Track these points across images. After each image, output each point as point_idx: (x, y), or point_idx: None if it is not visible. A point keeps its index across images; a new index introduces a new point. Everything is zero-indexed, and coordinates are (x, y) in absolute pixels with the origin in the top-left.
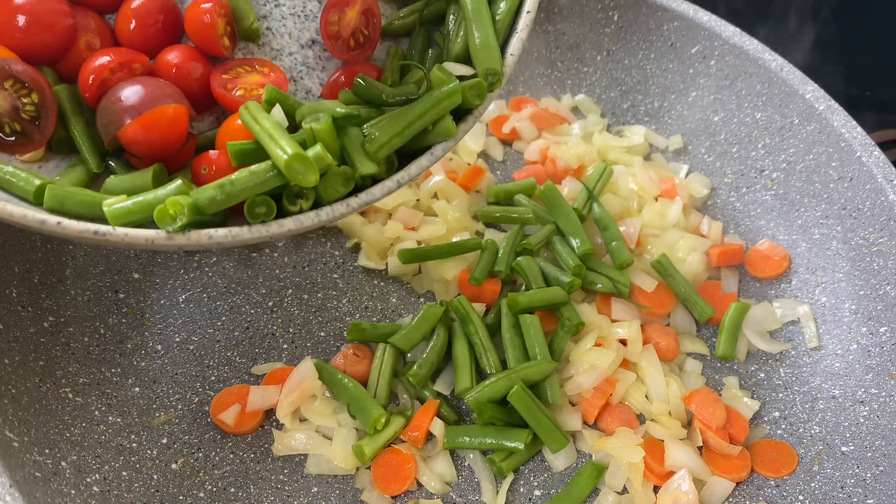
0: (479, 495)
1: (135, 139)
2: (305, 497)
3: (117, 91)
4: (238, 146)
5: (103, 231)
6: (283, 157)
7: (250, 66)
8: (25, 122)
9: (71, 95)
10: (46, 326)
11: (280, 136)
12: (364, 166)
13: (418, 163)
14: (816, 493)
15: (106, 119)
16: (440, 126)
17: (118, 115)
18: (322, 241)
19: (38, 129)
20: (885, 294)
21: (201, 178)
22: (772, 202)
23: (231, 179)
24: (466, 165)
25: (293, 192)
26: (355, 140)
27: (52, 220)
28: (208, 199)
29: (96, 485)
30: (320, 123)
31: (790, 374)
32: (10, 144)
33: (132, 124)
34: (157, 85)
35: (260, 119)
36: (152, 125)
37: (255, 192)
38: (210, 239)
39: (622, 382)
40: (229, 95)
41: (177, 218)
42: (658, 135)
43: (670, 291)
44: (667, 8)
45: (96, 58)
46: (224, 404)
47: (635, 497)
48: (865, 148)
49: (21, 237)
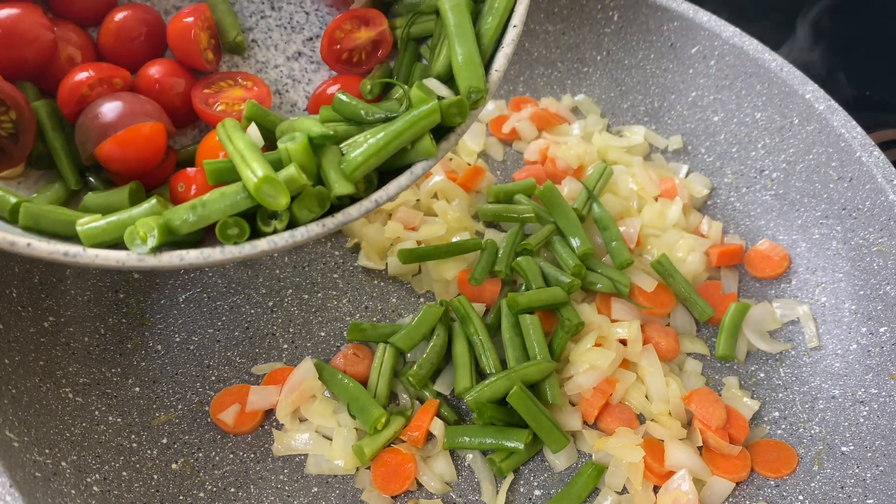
0: (479, 495)
1: (111, 157)
2: (305, 497)
3: (95, 107)
4: (214, 164)
5: (73, 252)
6: (253, 179)
7: (233, 79)
8: (3, 139)
9: (51, 111)
10: (47, 326)
11: (252, 158)
12: (340, 187)
13: (397, 182)
14: (816, 493)
15: (83, 136)
16: (420, 145)
17: (95, 132)
18: (322, 241)
19: (16, 147)
20: (885, 294)
21: (178, 196)
22: (772, 202)
23: (203, 201)
24: (466, 165)
25: (266, 213)
26: (332, 159)
27: (22, 241)
28: (180, 220)
29: (96, 485)
30: (295, 143)
31: (790, 374)
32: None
33: (108, 142)
34: (136, 101)
35: (234, 138)
36: (128, 143)
37: (227, 214)
38: (181, 261)
39: (622, 382)
40: (210, 111)
41: (147, 239)
42: (658, 135)
43: (670, 291)
44: (667, 8)
45: (76, 73)
46: (224, 404)
47: (635, 497)
48: (865, 148)
49: None
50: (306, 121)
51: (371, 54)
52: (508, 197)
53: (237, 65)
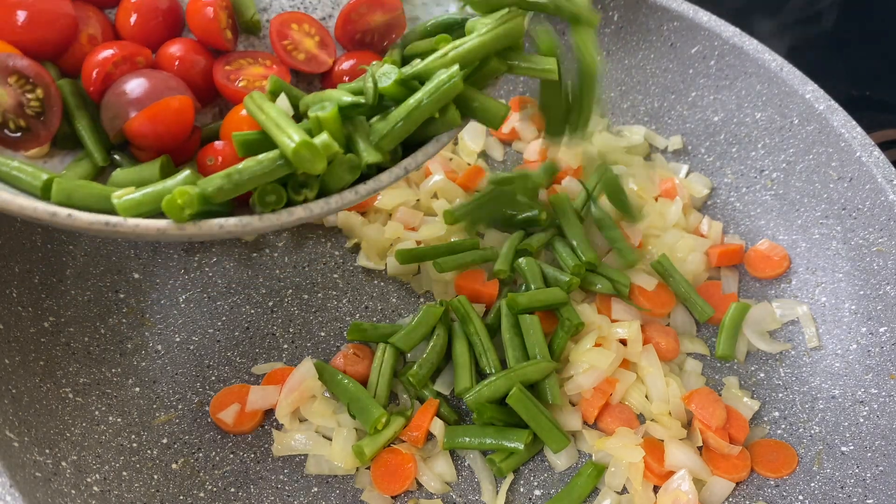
0: (479, 495)
1: (141, 132)
2: (305, 497)
3: (122, 84)
4: (244, 136)
5: (114, 222)
6: (291, 144)
7: (252, 58)
8: (30, 117)
9: (74, 90)
10: (47, 326)
11: (287, 125)
12: (370, 155)
13: (425, 150)
14: (816, 493)
15: (111, 112)
16: (447, 115)
17: (123, 107)
18: (322, 241)
19: (43, 125)
20: (884, 294)
21: (207, 170)
22: (772, 202)
23: (238, 169)
24: (466, 165)
25: (298, 182)
26: (360, 129)
27: (63, 212)
28: (216, 188)
29: (97, 485)
30: (326, 112)
31: (790, 374)
32: (15, 141)
33: (138, 117)
34: (162, 77)
35: (265, 108)
36: (158, 117)
37: (263, 181)
38: (221, 228)
39: (622, 382)
40: (232, 87)
41: (185, 208)
42: (658, 135)
43: (670, 291)
44: (667, 8)
45: (99, 51)
46: (224, 404)
47: (635, 497)
48: (865, 148)
49: (22, 237)
50: (334, 92)
51: (384, 36)
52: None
53: (253, 45)
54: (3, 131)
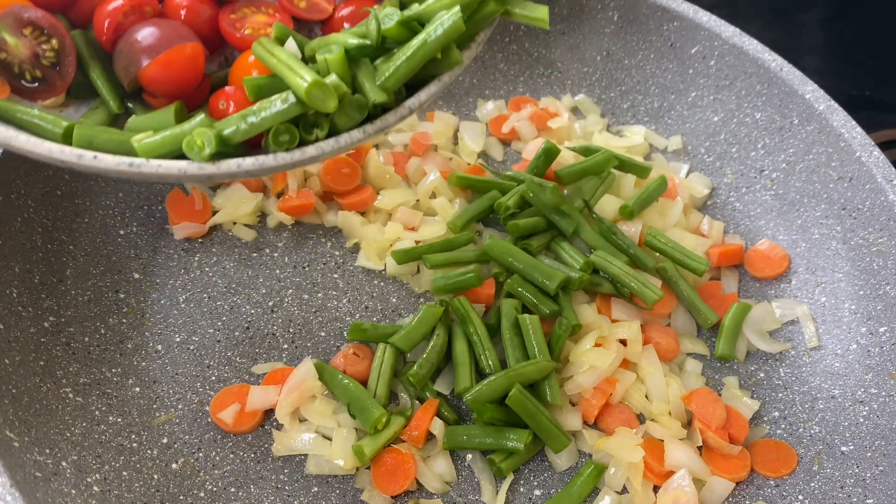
0: (479, 495)
1: (155, 78)
2: (305, 497)
3: (133, 33)
4: (254, 80)
5: (138, 163)
6: (304, 84)
7: (256, 6)
8: (46, 68)
9: (87, 40)
10: (47, 326)
11: (298, 66)
12: (376, 95)
13: (427, 90)
14: (816, 493)
15: (125, 61)
16: (449, 55)
17: (137, 56)
18: (322, 241)
19: (58, 75)
20: (884, 294)
21: (219, 114)
22: (771, 202)
23: (253, 110)
24: (466, 165)
25: (309, 122)
26: (366, 71)
27: (89, 154)
28: (232, 129)
29: (97, 484)
30: (333, 54)
31: (790, 374)
32: (32, 91)
33: (151, 64)
34: (172, 26)
35: (276, 52)
36: (171, 64)
37: (277, 121)
38: (239, 167)
39: (622, 382)
40: (238, 34)
41: (204, 147)
42: (658, 135)
43: (671, 292)
44: (667, 8)
45: (109, 2)
46: (223, 404)
47: (635, 497)
48: (865, 148)
49: (22, 237)
50: (338, 36)
51: None
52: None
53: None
54: (21, 82)
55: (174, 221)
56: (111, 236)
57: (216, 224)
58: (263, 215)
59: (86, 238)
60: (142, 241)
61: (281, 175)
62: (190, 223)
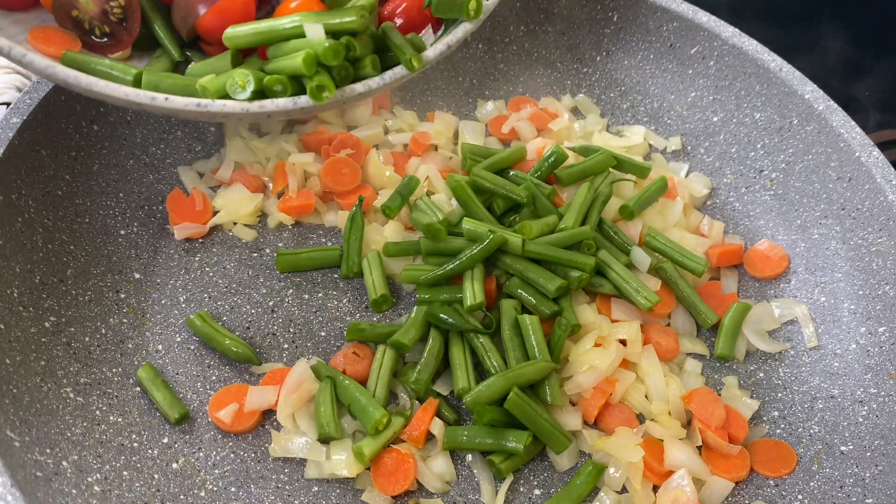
0: (479, 495)
1: (211, 27)
2: (305, 497)
3: None
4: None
5: (205, 103)
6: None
7: None
8: (114, 24)
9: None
10: (48, 326)
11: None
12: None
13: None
14: (815, 493)
15: (183, 12)
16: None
17: (194, 6)
18: (322, 241)
19: (125, 30)
20: (883, 294)
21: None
22: (771, 202)
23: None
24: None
25: (354, 58)
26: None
27: (160, 96)
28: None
29: (97, 484)
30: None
31: (789, 374)
32: (102, 45)
33: (208, 13)
34: None
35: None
36: (226, 12)
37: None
38: (295, 105)
39: (622, 382)
40: None
41: (245, 86)
42: (658, 135)
43: (671, 292)
44: (666, 8)
45: None
46: (221, 403)
47: (635, 497)
48: (864, 148)
49: (22, 237)
50: None
51: None
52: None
53: None
54: (91, 37)
55: (175, 222)
56: (112, 236)
57: (217, 224)
58: (264, 215)
59: (86, 238)
60: (142, 241)
61: (281, 175)
62: (190, 223)
